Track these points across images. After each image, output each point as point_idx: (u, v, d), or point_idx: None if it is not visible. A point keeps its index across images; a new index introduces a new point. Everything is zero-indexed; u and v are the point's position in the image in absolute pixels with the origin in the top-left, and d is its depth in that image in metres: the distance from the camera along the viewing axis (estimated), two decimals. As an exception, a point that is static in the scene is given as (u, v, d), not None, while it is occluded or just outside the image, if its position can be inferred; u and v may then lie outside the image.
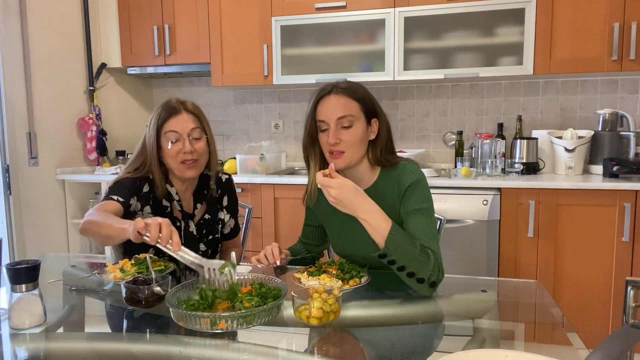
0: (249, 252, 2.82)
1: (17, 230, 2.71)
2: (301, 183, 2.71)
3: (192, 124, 1.57)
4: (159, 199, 1.61)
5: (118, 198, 1.51)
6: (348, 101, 1.37)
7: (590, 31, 2.53)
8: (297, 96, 3.39)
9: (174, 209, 1.64)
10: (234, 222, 1.82)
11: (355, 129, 1.37)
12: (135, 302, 1.16)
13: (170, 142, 1.55)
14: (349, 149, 1.37)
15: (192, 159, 1.56)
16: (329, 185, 1.19)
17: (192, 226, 1.65)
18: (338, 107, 1.37)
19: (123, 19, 3.22)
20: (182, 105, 1.59)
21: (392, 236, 1.20)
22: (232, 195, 1.80)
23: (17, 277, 1.08)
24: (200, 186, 1.69)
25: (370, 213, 1.21)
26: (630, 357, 0.92)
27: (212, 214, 1.72)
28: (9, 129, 2.65)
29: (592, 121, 2.88)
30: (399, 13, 2.71)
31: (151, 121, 1.58)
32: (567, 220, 2.39)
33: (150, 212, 1.59)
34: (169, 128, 1.55)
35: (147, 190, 1.59)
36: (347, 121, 1.36)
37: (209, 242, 1.70)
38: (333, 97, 1.38)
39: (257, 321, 1.03)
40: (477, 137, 2.82)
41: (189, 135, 1.56)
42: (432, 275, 1.22)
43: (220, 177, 1.76)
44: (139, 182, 1.58)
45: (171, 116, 1.56)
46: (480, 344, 1.02)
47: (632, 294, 1.04)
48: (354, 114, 1.37)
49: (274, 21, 2.91)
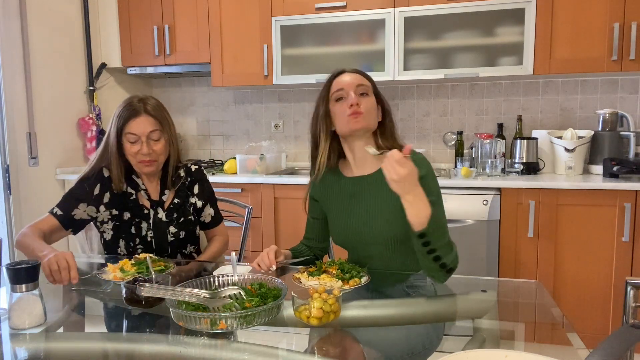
0: (249, 252, 2.83)
1: (17, 230, 2.71)
2: (301, 183, 2.71)
3: (150, 126, 1.62)
4: (117, 192, 1.68)
5: (57, 212, 1.63)
6: (361, 77, 1.49)
7: (590, 31, 2.53)
8: (297, 96, 3.39)
9: (140, 197, 1.70)
10: (214, 211, 1.85)
11: (371, 99, 1.47)
12: (135, 302, 1.16)
13: (129, 143, 1.62)
14: (367, 112, 1.44)
15: (149, 160, 1.63)
16: (405, 165, 1.19)
17: (162, 213, 1.71)
18: (355, 79, 1.47)
19: (123, 19, 3.22)
20: (143, 105, 1.63)
21: (433, 219, 1.26)
22: (204, 183, 1.83)
23: (17, 277, 1.08)
24: (166, 175, 1.74)
25: (418, 197, 1.25)
26: (630, 357, 0.92)
27: (182, 198, 1.76)
28: (9, 129, 2.65)
29: (592, 121, 2.88)
30: (399, 13, 2.71)
31: (113, 119, 1.64)
32: (567, 220, 2.39)
33: (105, 209, 1.67)
34: (128, 130, 1.61)
35: (98, 192, 1.67)
36: (364, 89, 1.46)
37: (179, 224, 1.73)
38: (347, 75, 1.49)
39: (257, 321, 1.03)
40: (477, 137, 2.82)
41: (147, 137, 1.62)
42: (452, 263, 1.32)
43: (189, 167, 1.82)
44: (88, 186, 1.67)
45: (130, 118, 1.61)
46: (480, 344, 1.02)
47: (632, 294, 1.05)
48: (368, 86, 1.48)
49: (274, 21, 2.91)
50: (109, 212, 1.67)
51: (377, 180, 1.46)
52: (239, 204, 2.15)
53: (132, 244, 1.69)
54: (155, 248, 1.70)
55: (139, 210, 1.69)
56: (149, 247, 1.70)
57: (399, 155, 1.20)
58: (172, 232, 1.72)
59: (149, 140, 1.62)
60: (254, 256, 2.85)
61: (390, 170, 1.20)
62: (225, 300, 1.08)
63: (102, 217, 1.68)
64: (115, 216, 1.68)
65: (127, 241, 1.69)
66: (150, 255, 1.47)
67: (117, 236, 1.69)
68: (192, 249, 1.81)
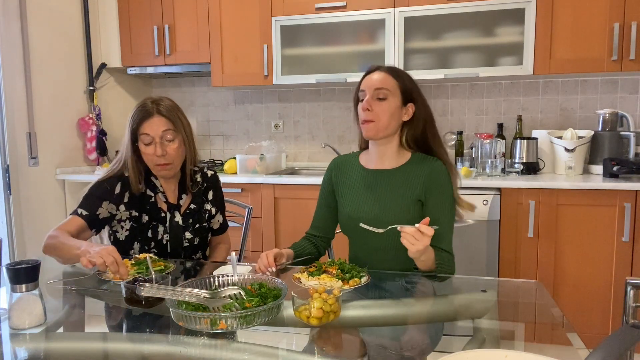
0: (249, 252, 2.82)
1: (17, 230, 2.71)
2: (301, 183, 2.71)
3: (163, 126, 1.60)
4: (136, 194, 1.66)
5: (82, 212, 1.60)
6: (387, 77, 1.51)
7: (590, 31, 2.53)
8: (297, 96, 3.39)
9: (158, 200, 1.69)
10: (222, 218, 1.86)
11: (388, 103, 1.49)
12: (135, 302, 1.16)
13: (144, 144, 1.61)
14: (378, 120, 1.49)
15: (164, 163, 1.61)
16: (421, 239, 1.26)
17: (178, 216, 1.70)
18: (377, 80, 1.51)
19: (123, 19, 3.22)
20: (156, 107, 1.62)
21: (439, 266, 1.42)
22: (217, 190, 1.84)
23: (17, 277, 1.08)
24: (184, 178, 1.74)
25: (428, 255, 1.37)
26: (630, 357, 0.92)
27: (198, 204, 1.76)
28: (9, 129, 2.65)
29: (592, 121, 2.88)
30: (399, 13, 2.71)
31: (129, 122, 1.64)
32: (567, 220, 2.39)
33: (125, 209, 1.65)
34: (142, 131, 1.60)
35: (119, 191, 1.65)
36: (382, 93, 1.49)
37: (195, 231, 1.73)
38: (376, 73, 1.52)
39: (257, 321, 1.03)
40: (477, 137, 2.82)
41: (161, 137, 1.60)
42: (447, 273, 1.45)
43: (206, 172, 1.82)
44: (109, 185, 1.64)
45: (144, 120, 1.60)
46: (480, 344, 1.02)
47: (632, 294, 1.05)
48: (390, 89, 1.50)
49: (274, 21, 2.91)
50: (129, 212, 1.66)
51: (394, 176, 1.53)
52: (239, 204, 2.15)
53: (147, 247, 1.67)
54: (170, 252, 1.68)
55: (157, 213, 1.67)
56: (163, 250, 1.68)
57: (412, 230, 1.26)
58: (188, 237, 1.71)
59: (163, 141, 1.60)
60: (254, 256, 2.86)
61: (411, 246, 1.27)
62: (225, 300, 1.08)
63: (121, 216, 1.66)
64: (134, 217, 1.66)
65: (142, 244, 1.67)
66: (150, 255, 1.47)
67: (133, 237, 1.67)
68: (201, 255, 1.81)
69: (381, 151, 1.56)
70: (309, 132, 3.40)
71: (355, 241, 1.60)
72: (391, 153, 1.55)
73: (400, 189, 1.51)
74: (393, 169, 1.55)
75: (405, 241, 1.26)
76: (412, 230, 1.25)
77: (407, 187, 1.51)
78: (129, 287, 1.16)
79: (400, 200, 1.50)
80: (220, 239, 1.88)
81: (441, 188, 1.50)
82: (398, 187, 1.52)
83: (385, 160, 1.56)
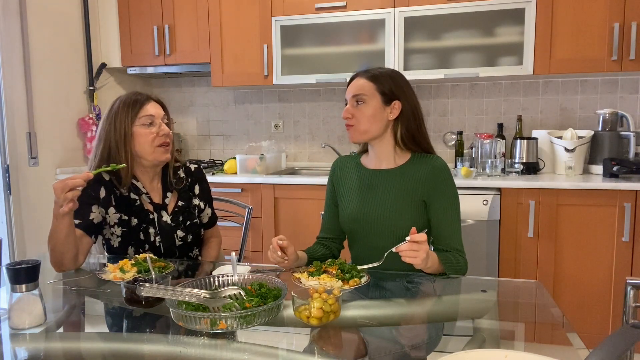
0: (249, 252, 2.82)
1: (17, 230, 2.71)
2: (301, 183, 2.71)
3: (161, 110, 1.67)
4: (123, 195, 1.65)
5: (76, 222, 1.55)
6: (364, 82, 1.53)
7: (590, 31, 2.53)
8: (297, 96, 3.39)
9: (143, 202, 1.67)
10: (211, 211, 1.85)
11: (366, 107, 1.51)
12: (135, 302, 1.16)
13: (145, 127, 1.61)
14: (358, 123, 1.52)
15: (167, 142, 1.64)
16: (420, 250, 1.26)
17: (166, 216, 1.68)
18: (353, 87, 1.54)
19: (123, 19, 3.22)
20: (147, 95, 1.67)
21: (447, 269, 1.42)
22: (203, 183, 1.82)
23: (17, 277, 1.08)
24: (166, 176, 1.73)
25: (432, 261, 1.37)
26: (630, 357, 0.92)
27: (185, 200, 1.75)
28: (9, 129, 2.65)
29: (592, 121, 2.88)
30: (399, 13, 2.71)
31: (114, 116, 1.63)
32: (567, 220, 2.39)
33: (115, 212, 1.63)
34: (143, 113, 1.62)
35: (104, 195, 1.63)
36: (359, 98, 1.52)
37: (186, 228, 1.72)
38: (355, 80, 1.56)
39: (257, 321, 1.03)
40: (477, 137, 2.82)
41: (162, 119, 1.65)
42: (458, 272, 1.45)
43: (189, 166, 1.81)
44: (93, 191, 1.61)
45: (144, 103, 1.63)
46: (480, 344, 1.02)
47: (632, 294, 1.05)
48: (367, 93, 1.51)
49: (274, 21, 2.91)
50: (118, 215, 1.63)
51: (394, 176, 1.54)
52: (239, 204, 2.15)
53: (142, 250, 1.66)
54: (163, 252, 1.67)
55: (145, 216, 1.65)
56: (157, 252, 1.67)
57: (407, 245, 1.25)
58: (180, 236, 1.70)
59: (163, 121, 1.65)
60: (254, 256, 2.86)
61: (414, 260, 1.27)
62: (225, 300, 1.08)
63: (111, 220, 1.63)
64: (123, 221, 1.64)
65: (136, 248, 1.65)
66: (150, 255, 1.46)
67: (126, 243, 1.65)
68: (197, 251, 1.80)
69: (378, 152, 1.57)
70: (309, 132, 3.40)
71: (356, 241, 1.60)
72: (388, 153, 1.56)
73: (401, 189, 1.51)
74: (392, 168, 1.55)
75: (407, 258, 1.26)
76: (407, 245, 1.25)
77: (408, 187, 1.51)
78: (129, 287, 1.16)
79: (401, 201, 1.50)
80: (211, 233, 1.87)
81: (443, 187, 1.50)
82: (398, 187, 1.52)
83: (383, 161, 1.57)
